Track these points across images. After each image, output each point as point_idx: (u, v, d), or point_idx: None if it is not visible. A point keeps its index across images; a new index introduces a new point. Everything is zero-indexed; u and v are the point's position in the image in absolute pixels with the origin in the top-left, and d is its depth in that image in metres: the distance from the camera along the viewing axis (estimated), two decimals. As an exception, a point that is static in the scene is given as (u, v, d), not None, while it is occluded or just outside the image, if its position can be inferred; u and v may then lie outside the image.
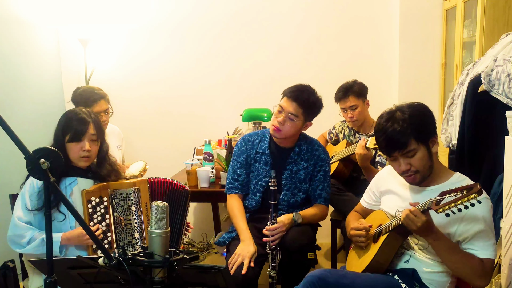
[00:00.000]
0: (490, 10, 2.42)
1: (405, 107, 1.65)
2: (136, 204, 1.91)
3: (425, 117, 1.65)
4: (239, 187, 2.28)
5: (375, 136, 1.70)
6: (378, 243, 1.73)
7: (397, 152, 1.61)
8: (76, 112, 1.93)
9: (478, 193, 1.43)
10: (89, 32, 3.45)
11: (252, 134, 2.36)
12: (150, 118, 3.71)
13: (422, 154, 1.61)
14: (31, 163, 1.07)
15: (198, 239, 3.72)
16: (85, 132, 1.88)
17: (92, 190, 1.89)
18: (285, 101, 2.15)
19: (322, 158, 2.27)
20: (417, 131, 1.59)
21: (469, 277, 1.58)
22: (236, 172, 2.29)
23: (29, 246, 1.82)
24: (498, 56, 2.07)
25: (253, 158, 2.28)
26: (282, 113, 2.15)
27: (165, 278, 1.20)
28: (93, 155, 1.93)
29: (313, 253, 2.08)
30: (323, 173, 2.27)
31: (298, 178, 2.24)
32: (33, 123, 3.21)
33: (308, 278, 1.65)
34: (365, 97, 2.81)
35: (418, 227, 1.53)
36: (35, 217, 1.86)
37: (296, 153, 2.25)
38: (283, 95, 2.19)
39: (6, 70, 3.01)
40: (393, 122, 1.60)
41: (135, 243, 1.91)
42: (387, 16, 3.40)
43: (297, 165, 2.24)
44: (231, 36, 3.56)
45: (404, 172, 1.65)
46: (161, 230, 1.20)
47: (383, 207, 1.85)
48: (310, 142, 2.30)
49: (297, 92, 2.15)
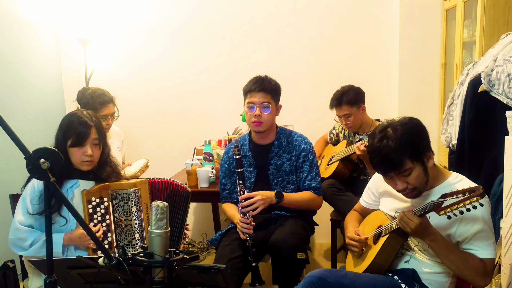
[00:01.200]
0: (490, 10, 2.42)
1: (397, 124, 1.61)
2: (136, 204, 1.90)
3: (417, 135, 1.61)
4: (228, 195, 2.37)
5: (369, 157, 1.66)
6: (379, 244, 1.72)
7: (393, 172, 1.60)
8: (78, 115, 1.90)
9: (480, 196, 1.43)
10: (89, 32, 3.45)
11: (234, 142, 2.41)
12: (150, 118, 3.72)
13: (418, 172, 1.59)
14: (31, 163, 1.07)
15: (198, 239, 3.73)
16: (87, 137, 1.86)
17: (93, 190, 1.88)
18: (252, 96, 2.24)
19: (304, 148, 2.30)
20: (411, 150, 1.56)
21: (470, 276, 1.58)
22: (222, 182, 2.39)
23: (32, 249, 1.82)
24: (498, 56, 2.07)
25: None
26: (255, 108, 2.23)
27: (165, 278, 1.20)
28: (95, 159, 1.92)
29: (303, 253, 2.08)
30: (308, 163, 2.30)
31: (284, 170, 2.29)
32: (33, 123, 3.21)
33: (308, 278, 1.65)
34: (359, 104, 2.78)
35: (412, 229, 1.53)
36: (36, 220, 1.85)
37: (276, 146, 2.31)
38: (246, 92, 2.27)
39: (6, 70, 3.01)
40: (387, 141, 1.57)
41: (135, 243, 1.90)
42: (387, 16, 3.40)
43: (280, 158, 2.30)
44: (231, 36, 3.57)
45: (401, 191, 1.64)
46: (161, 230, 1.20)
47: (382, 209, 1.85)
48: (289, 134, 2.35)
49: (258, 83, 2.24)
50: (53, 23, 3.52)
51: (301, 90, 3.54)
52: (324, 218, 2.86)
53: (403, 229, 1.57)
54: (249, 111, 2.25)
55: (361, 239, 1.80)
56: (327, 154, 3.11)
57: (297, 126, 3.00)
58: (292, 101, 3.48)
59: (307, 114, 3.54)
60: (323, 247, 3.50)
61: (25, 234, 1.82)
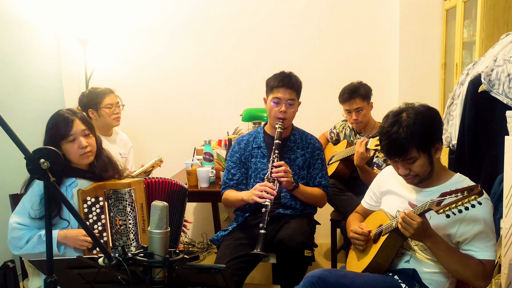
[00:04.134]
0: (490, 10, 2.42)
1: (412, 112, 1.61)
2: (130, 204, 1.89)
3: (431, 125, 1.61)
4: (234, 185, 2.34)
5: (379, 137, 1.69)
6: (379, 243, 1.73)
7: (397, 158, 1.61)
8: (58, 113, 1.91)
9: (478, 195, 1.43)
10: (89, 32, 3.45)
11: (246, 134, 2.45)
12: (150, 118, 3.72)
13: (422, 162, 1.60)
14: (31, 163, 1.07)
15: (198, 239, 3.73)
16: (72, 127, 1.86)
17: (88, 189, 1.88)
18: (280, 91, 2.24)
19: (318, 147, 2.38)
20: (419, 140, 1.57)
21: (469, 279, 1.58)
22: (231, 172, 2.36)
23: (28, 245, 1.81)
24: (498, 56, 2.07)
25: (249, 155, 2.34)
26: (280, 103, 2.24)
27: (165, 278, 1.20)
28: (93, 149, 1.93)
29: (309, 250, 2.08)
30: (320, 162, 2.36)
31: (297, 165, 2.32)
32: (33, 123, 3.21)
33: (308, 278, 1.65)
34: (369, 99, 2.82)
35: (415, 230, 1.53)
36: (35, 222, 1.84)
37: (292, 141, 2.34)
38: (273, 87, 2.26)
39: (6, 70, 3.01)
40: (398, 128, 1.58)
41: (129, 244, 1.90)
42: (387, 16, 3.40)
43: (294, 153, 2.33)
44: (231, 36, 3.57)
45: (403, 176, 1.66)
46: (161, 230, 1.19)
47: (384, 207, 1.85)
48: (302, 132, 2.42)
49: (286, 79, 2.26)
50: (53, 23, 3.52)
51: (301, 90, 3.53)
52: (324, 218, 2.86)
53: (404, 230, 1.56)
54: (275, 106, 2.25)
55: (365, 232, 1.80)
56: (327, 154, 3.11)
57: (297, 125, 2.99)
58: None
59: (307, 113, 3.53)
60: (323, 247, 3.50)
61: (21, 232, 1.82)
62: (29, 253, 1.83)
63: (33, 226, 1.84)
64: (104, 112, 2.79)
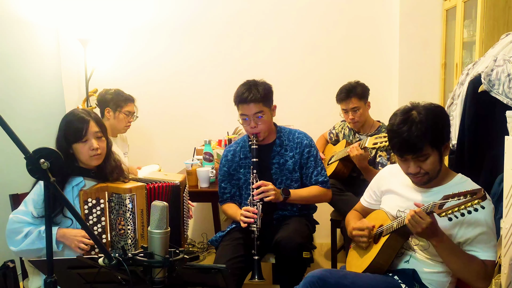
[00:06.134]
0: (490, 10, 2.42)
1: (422, 109, 1.59)
2: (130, 210, 1.89)
3: (441, 122, 1.60)
4: (228, 198, 2.36)
5: (388, 136, 1.66)
6: (379, 244, 1.72)
7: (410, 155, 1.59)
8: (74, 113, 1.93)
9: (482, 199, 1.42)
10: (89, 32, 3.45)
11: (233, 144, 2.42)
12: (150, 118, 3.71)
13: (434, 159, 1.58)
14: (31, 163, 1.07)
15: (198, 239, 3.72)
16: (87, 129, 1.88)
17: (89, 191, 1.87)
18: (243, 108, 2.20)
19: (307, 144, 2.30)
20: (433, 137, 1.55)
21: (471, 279, 1.58)
22: (222, 186, 2.37)
23: (27, 240, 1.81)
24: (498, 56, 2.07)
25: (238, 166, 2.32)
26: (249, 119, 2.19)
27: (165, 278, 1.20)
28: (103, 151, 1.93)
29: (308, 252, 2.08)
30: (313, 159, 2.29)
31: (287, 169, 2.27)
32: (33, 123, 3.21)
33: (308, 278, 1.64)
34: (366, 99, 2.81)
35: (423, 229, 1.51)
36: (36, 220, 1.84)
37: (278, 145, 2.29)
38: (237, 103, 2.22)
39: (6, 70, 3.01)
40: (410, 125, 1.56)
41: (127, 248, 1.89)
42: (387, 16, 3.40)
43: (283, 157, 2.28)
44: (231, 36, 3.57)
45: (412, 174, 1.63)
46: (161, 230, 1.20)
47: (384, 207, 1.85)
48: (289, 132, 2.34)
49: (246, 93, 2.18)
50: (53, 23, 3.52)
51: (301, 90, 3.55)
52: (324, 218, 2.86)
53: (412, 228, 1.54)
54: (244, 123, 2.23)
55: (368, 227, 1.78)
56: (326, 154, 3.12)
57: (297, 125, 2.99)
58: (292, 101, 3.49)
59: (307, 114, 3.54)
60: (323, 247, 3.50)
61: (21, 225, 1.82)
62: (27, 249, 1.82)
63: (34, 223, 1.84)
64: (122, 116, 2.84)
